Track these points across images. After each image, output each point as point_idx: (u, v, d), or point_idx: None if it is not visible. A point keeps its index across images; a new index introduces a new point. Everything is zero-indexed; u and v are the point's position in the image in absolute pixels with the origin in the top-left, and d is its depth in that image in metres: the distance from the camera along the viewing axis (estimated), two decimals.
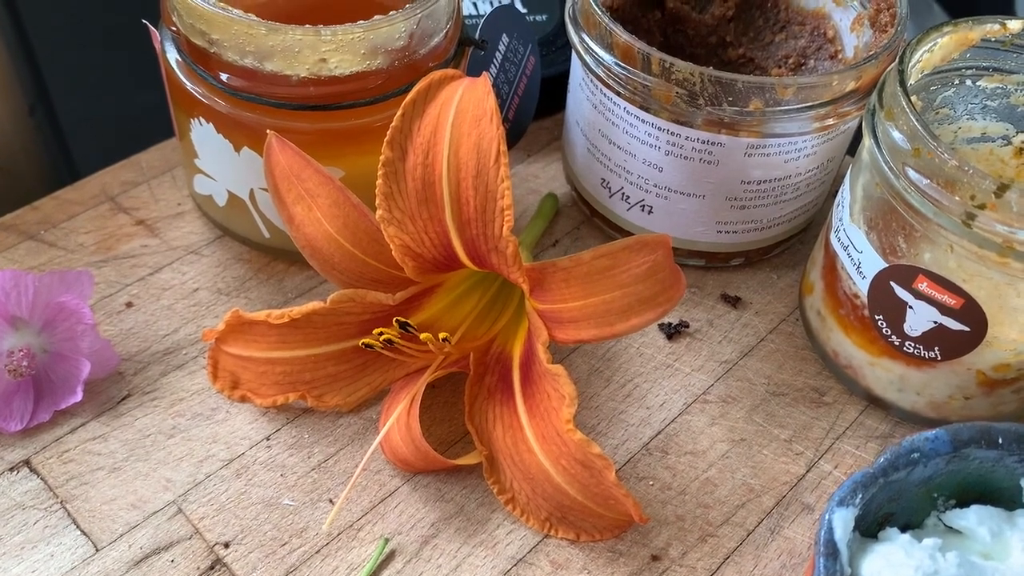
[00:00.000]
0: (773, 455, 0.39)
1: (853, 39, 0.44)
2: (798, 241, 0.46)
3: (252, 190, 0.40)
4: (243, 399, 0.38)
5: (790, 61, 0.45)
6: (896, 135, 0.33)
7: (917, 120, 0.32)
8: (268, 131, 0.36)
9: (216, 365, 0.39)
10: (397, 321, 0.35)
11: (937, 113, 0.40)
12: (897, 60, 0.35)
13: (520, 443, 0.35)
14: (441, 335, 0.35)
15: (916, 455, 0.31)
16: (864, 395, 0.40)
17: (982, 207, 0.31)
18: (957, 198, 0.32)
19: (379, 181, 0.33)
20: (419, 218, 0.34)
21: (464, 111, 0.32)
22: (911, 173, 0.33)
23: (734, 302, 0.44)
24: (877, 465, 0.31)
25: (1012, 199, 0.31)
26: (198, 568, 0.34)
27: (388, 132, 0.33)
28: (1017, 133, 0.40)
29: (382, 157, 0.33)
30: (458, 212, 0.33)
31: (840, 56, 0.44)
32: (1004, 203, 0.31)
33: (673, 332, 0.42)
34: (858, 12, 0.43)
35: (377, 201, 0.34)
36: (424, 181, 0.33)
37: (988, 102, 0.39)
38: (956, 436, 0.32)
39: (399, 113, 0.33)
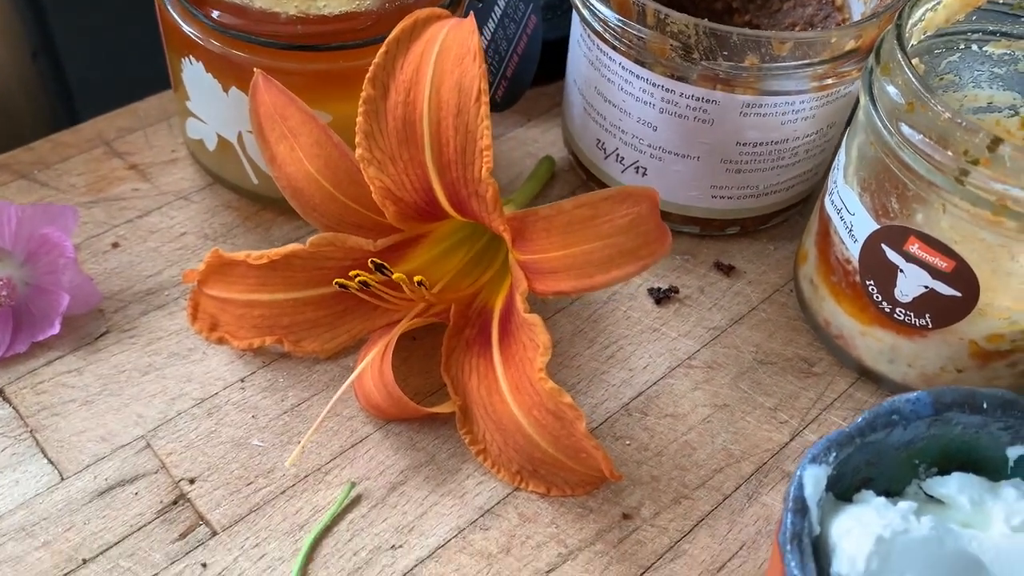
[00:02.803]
0: (756, 422, 0.38)
1: (861, 6, 0.43)
2: (797, 213, 0.45)
3: (240, 132, 0.40)
4: (220, 341, 0.38)
5: (796, 29, 0.44)
6: (891, 90, 0.32)
7: (912, 74, 0.31)
8: (255, 69, 0.35)
9: (196, 306, 0.38)
10: (373, 262, 0.35)
11: (941, 80, 0.39)
12: (896, 15, 0.34)
13: (494, 393, 0.34)
14: (416, 278, 0.35)
15: (896, 417, 0.30)
16: (855, 367, 0.39)
17: (975, 163, 0.30)
18: (950, 153, 0.31)
19: (359, 119, 0.33)
20: (399, 159, 0.33)
21: (447, 49, 0.32)
22: (905, 129, 0.32)
23: (727, 270, 0.43)
24: (854, 425, 0.30)
25: (1006, 154, 0.30)
26: (161, 502, 0.34)
27: (370, 69, 0.32)
28: None
29: (363, 94, 0.33)
30: (438, 152, 0.32)
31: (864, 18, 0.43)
32: (997, 158, 0.30)
33: (662, 297, 0.41)
34: None
35: (357, 139, 0.33)
36: (405, 120, 0.32)
37: (995, 69, 0.38)
38: (938, 399, 0.31)
39: (382, 50, 0.32)
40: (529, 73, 0.46)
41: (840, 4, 0.44)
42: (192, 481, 0.34)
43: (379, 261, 0.35)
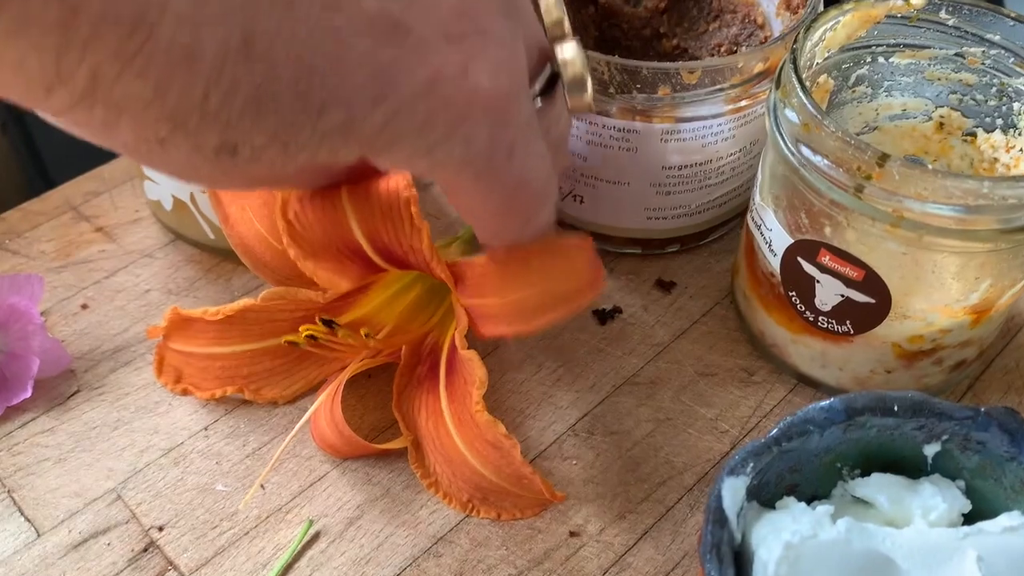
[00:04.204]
0: (698, 433, 0.39)
1: (780, 24, 0.44)
2: (737, 225, 0.47)
3: (192, 193, 0.42)
4: (185, 392, 0.40)
5: (723, 49, 0.46)
6: (789, 113, 0.34)
7: (805, 96, 0.33)
8: None
9: (161, 360, 0.40)
10: (321, 319, 0.36)
11: (854, 91, 0.40)
12: (792, 44, 0.35)
13: (441, 428, 0.36)
14: (363, 331, 0.37)
15: (810, 425, 0.32)
16: (792, 373, 0.41)
17: (868, 178, 0.32)
18: (845, 171, 0.32)
19: (280, 224, 0.34)
20: (331, 245, 0.34)
21: None
22: (804, 150, 0.34)
23: (668, 287, 0.45)
24: (770, 435, 0.32)
25: (894, 168, 0.31)
26: (132, 550, 0.36)
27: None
28: (936, 108, 0.40)
29: (279, 201, 0.33)
30: (366, 227, 0.33)
31: (770, 41, 0.45)
32: (887, 172, 0.31)
33: (607, 318, 0.43)
34: None
35: (285, 241, 0.34)
36: (325, 209, 0.33)
37: (903, 78, 0.40)
38: (850, 405, 0.32)
39: None
40: None
41: (761, 23, 0.46)
42: (161, 528, 0.36)
43: (327, 317, 0.36)
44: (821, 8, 0.41)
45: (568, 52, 0.29)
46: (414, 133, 0.24)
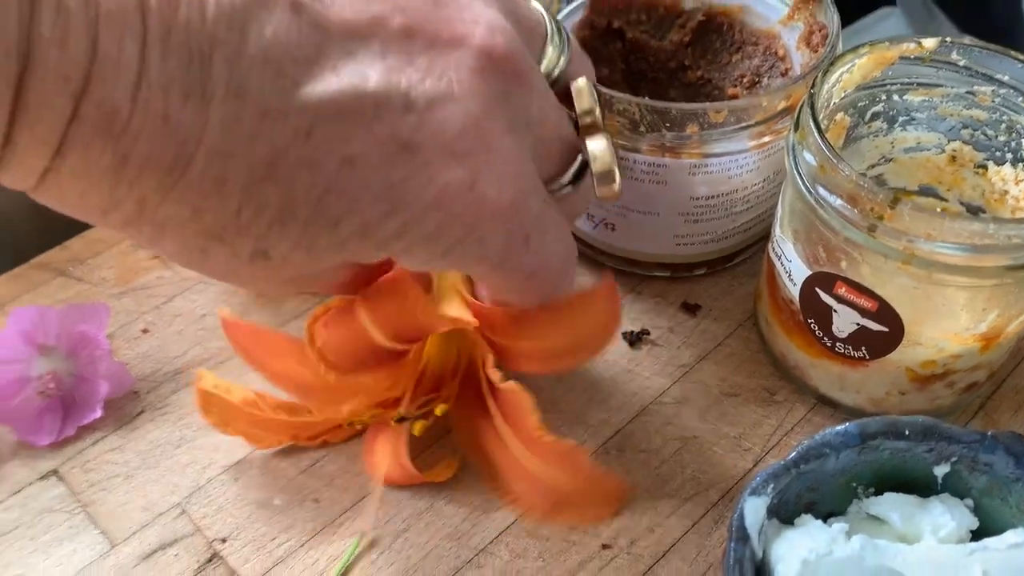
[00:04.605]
0: (723, 451, 0.42)
1: (800, 57, 0.46)
2: (760, 249, 0.49)
3: None
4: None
5: (745, 80, 0.48)
6: (806, 154, 0.36)
7: (821, 140, 0.35)
8: (218, 311, 0.39)
9: (207, 402, 0.40)
10: (394, 420, 0.40)
11: (870, 126, 0.42)
12: (810, 84, 0.37)
13: (507, 452, 0.39)
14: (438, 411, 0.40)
15: (827, 448, 0.34)
16: (812, 394, 0.43)
17: (881, 218, 0.34)
18: (859, 211, 0.35)
19: (313, 354, 0.35)
20: (359, 353, 0.36)
21: None
22: (820, 189, 0.36)
23: (694, 310, 0.47)
24: (789, 458, 0.34)
25: (904, 210, 0.33)
26: (198, 561, 0.39)
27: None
28: (949, 142, 0.42)
29: (307, 335, 0.35)
30: (377, 320, 0.35)
31: (790, 73, 0.47)
32: (899, 213, 0.34)
33: (635, 340, 0.46)
34: (801, 31, 0.46)
35: (322, 371, 0.36)
36: (343, 322, 0.35)
37: (917, 114, 0.42)
38: (864, 429, 0.35)
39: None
40: None
41: (782, 55, 0.48)
42: (224, 540, 0.39)
43: (393, 414, 0.40)
44: (840, 47, 0.43)
45: (597, 147, 0.31)
46: (428, 240, 0.27)
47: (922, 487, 0.36)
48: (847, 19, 0.65)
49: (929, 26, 0.69)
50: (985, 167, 0.42)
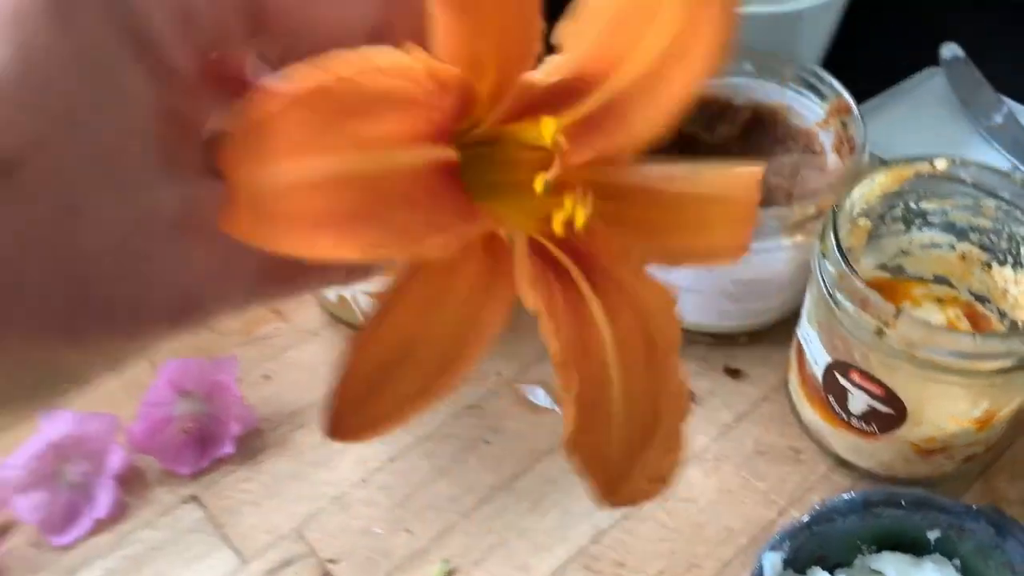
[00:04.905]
0: (752, 504, 0.49)
1: (834, 156, 0.53)
2: (795, 320, 0.56)
3: (355, 295, 0.53)
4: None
5: (786, 171, 0.55)
6: (828, 264, 0.43)
7: (840, 256, 0.42)
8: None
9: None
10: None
11: (890, 228, 0.49)
12: (833, 205, 0.44)
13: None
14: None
15: (835, 513, 0.42)
16: (832, 456, 0.50)
17: (887, 324, 0.41)
18: (869, 317, 0.41)
19: None
20: None
21: None
22: (838, 295, 0.43)
23: (734, 374, 0.54)
24: (804, 520, 0.42)
25: (905, 323, 0.40)
26: None
27: None
28: (959, 242, 0.48)
29: None
30: None
31: (825, 169, 0.54)
32: (901, 323, 0.40)
33: None
34: (834, 137, 0.53)
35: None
36: None
37: (931, 218, 0.48)
38: (867, 498, 0.42)
39: None
40: None
41: (819, 151, 0.54)
42: (334, 562, 0.48)
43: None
44: (867, 157, 0.50)
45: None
46: None
47: (917, 547, 0.42)
48: (893, 77, 0.71)
49: (972, 88, 0.74)
50: (990, 266, 0.48)
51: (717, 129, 0.57)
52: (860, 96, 0.61)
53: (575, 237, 0.23)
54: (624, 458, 0.24)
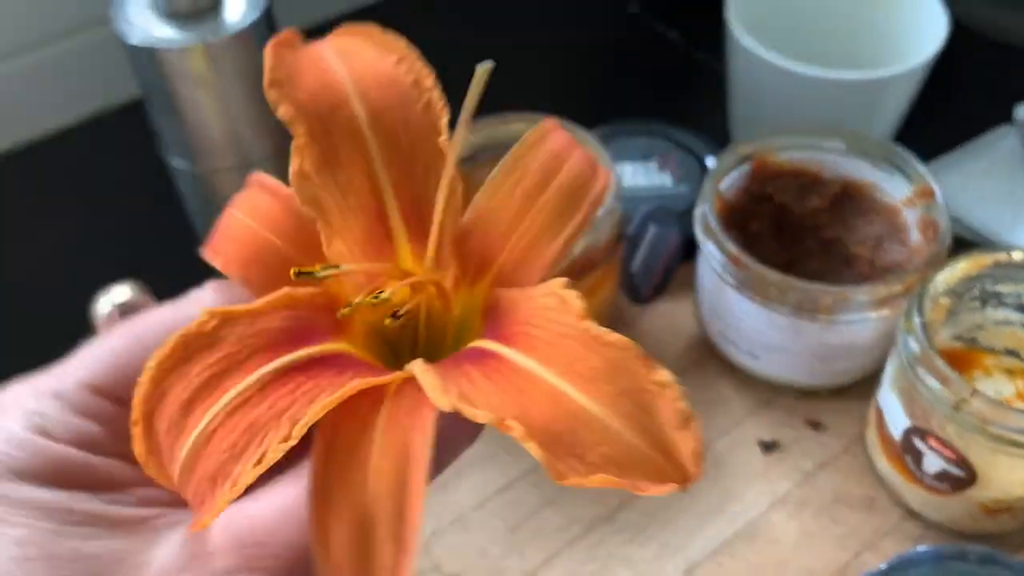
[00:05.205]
0: (831, 547, 0.54)
1: (916, 233, 0.58)
2: (875, 380, 0.61)
3: None
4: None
5: (870, 243, 0.60)
6: (912, 342, 0.49)
7: (923, 333, 0.48)
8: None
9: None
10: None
11: (968, 305, 0.54)
12: (919, 287, 0.50)
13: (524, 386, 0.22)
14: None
15: (910, 563, 0.47)
16: (904, 508, 0.55)
17: (964, 400, 0.46)
18: (948, 392, 0.47)
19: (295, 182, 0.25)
20: (351, 191, 0.26)
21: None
22: (919, 369, 0.48)
23: (816, 426, 0.60)
24: (881, 568, 0.47)
25: (979, 401, 0.46)
26: None
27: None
28: None
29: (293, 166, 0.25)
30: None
31: (907, 243, 0.59)
32: (976, 401, 0.46)
33: (768, 448, 0.59)
34: (918, 217, 0.58)
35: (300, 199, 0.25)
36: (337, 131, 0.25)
37: (1006, 300, 0.53)
38: (939, 552, 0.47)
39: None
40: (671, 276, 0.64)
41: (903, 227, 0.60)
42: None
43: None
44: (949, 240, 0.55)
45: None
46: None
47: None
48: (966, 135, 0.75)
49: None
50: None
51: (807, 200, 0.62)
52: (933, 152, 0.66)
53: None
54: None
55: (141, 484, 0.25)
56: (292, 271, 0.24)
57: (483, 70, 0.24)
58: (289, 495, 0.24)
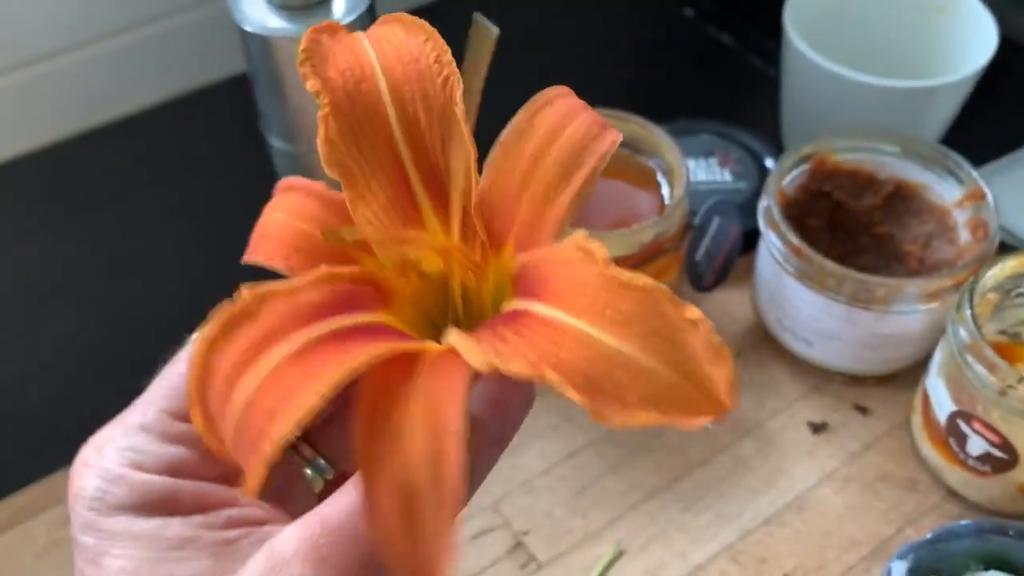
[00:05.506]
0: (874, 520, 0.58)
1: (966, 232, 0.62)
2: (921, 368, 0.65)
3: None
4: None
5: (920, 240, 0.64)
6: (962, 332, 0.53)
7: (973, 323, 0.52)
8: None
9: None
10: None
11: (1013, 301, 0.58)
12: (970, 281, 0.54)
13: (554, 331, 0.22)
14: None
15: (952, 535, 0.51)
16: (945, 488, 0.59)
17: (1010, 386, 0.50)
18: (995, 378, 0.51)
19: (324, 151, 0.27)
20: (374, 159, 0.27)
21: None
22: (968, 357, 0.52)
23: (863, 410, 0.64)
24: (926, 537, 0.51)
25: None
26: (508, 545, 0.58)
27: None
28: None
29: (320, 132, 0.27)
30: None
31: (956, 242, 0.63)
32: (1022, 387, 0.50)
33: (817, 428, 0.63)
34: (968, 217, 0.62)
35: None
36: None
37: None
38: (979, 527, 0.51)
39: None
40: (731, 266, 0.68)
41: (952, 227, 0.64)
42: (525, 533, 0.59)
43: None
44: (997, 240, 0.59)
45: None
46: None
47: (1019, 571, 0.52)
48: (1010, 143, 0.78)
49: None
50: None
51: (862, 198, 0.66)
52: (978, 160, 0.69)
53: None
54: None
55: (228, 504, 0.27)
56: (321, 232, 0.26)
57: (484, 31, 0.25)
58: (356, 494, 0.25)
